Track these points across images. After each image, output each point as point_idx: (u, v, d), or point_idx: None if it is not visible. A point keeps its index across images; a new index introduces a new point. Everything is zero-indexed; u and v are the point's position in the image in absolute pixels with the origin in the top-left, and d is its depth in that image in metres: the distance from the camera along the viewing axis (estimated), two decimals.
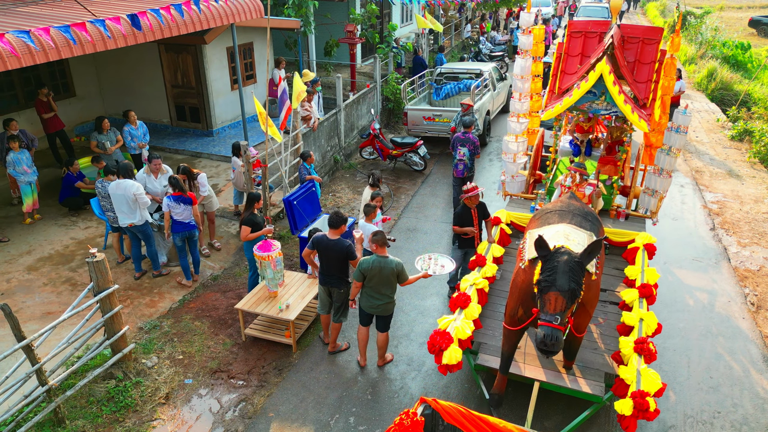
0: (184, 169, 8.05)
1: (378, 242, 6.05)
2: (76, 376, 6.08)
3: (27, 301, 7.36)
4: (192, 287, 7.95)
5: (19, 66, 7.00)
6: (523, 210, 8.15)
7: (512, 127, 8.48)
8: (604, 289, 6.71)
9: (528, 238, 5.53)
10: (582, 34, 7.97)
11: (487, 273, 6.67)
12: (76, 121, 12.63)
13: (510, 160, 8.48)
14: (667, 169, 7.59)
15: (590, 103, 7.05)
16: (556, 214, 5.72)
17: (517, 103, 8.45)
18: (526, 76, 8.36)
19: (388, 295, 6.19)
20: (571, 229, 5.34)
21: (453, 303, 5.99)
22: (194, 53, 11.97)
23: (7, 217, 9.27)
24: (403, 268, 6.11)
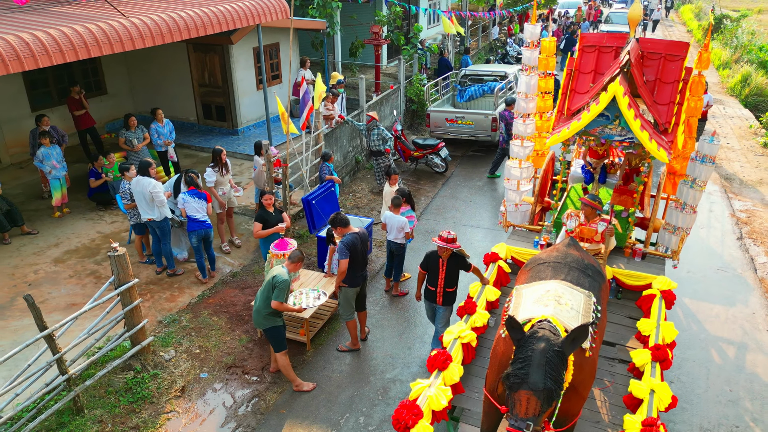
0: (188, 175, 8.12)
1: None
2: (96, 366, 6.26)
3: (53, 292, 7.60)
4: (211, 283, 8.09)
5: (49, 64, 7.24)
6: (526, 244, 7.24)
7: (515, 151, 7.57)
8: (612, 343, 5.82)
9: (514, 297, 4.67)
10: (596, 48, 7.12)
11: (477, 323, 5.76)
12: (107, 118, 12.97)
13: (512, 188, 7.61)
14: (691, 204, 6.65)
15: (602, 127, 6.18)
16: (549, 267, 4.86)
17: (521, 125, 7.45)
18: (531, 95, 7.45)
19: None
20: (565, 289, 4.50)
21: (431, 363, 5.10)
22: (221, 53, 12.18)
23: (38, 211, 9.59)
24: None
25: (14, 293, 7.50)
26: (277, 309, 5.83)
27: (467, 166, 13.00)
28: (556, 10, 28.86)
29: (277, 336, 6.07)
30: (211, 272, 8.19)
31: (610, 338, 5.84)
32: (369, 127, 11.02)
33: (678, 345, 5.73)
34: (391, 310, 7.85)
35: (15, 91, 11.13)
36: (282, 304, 5.81)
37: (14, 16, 8.18)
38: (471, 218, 10.55)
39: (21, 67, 6.96)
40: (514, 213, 7.73)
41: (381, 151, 11.04)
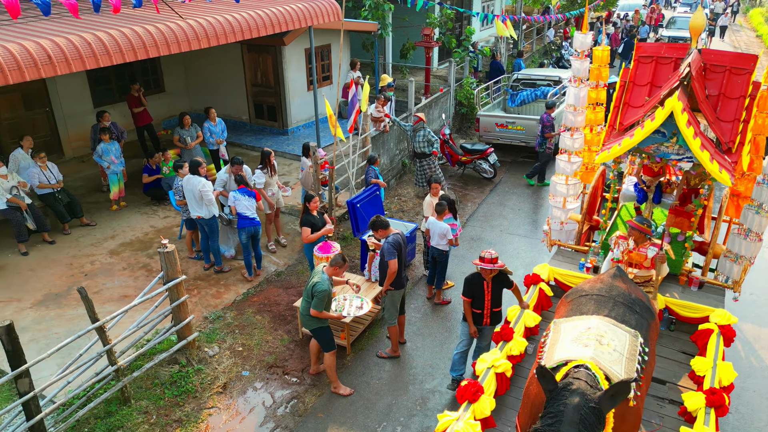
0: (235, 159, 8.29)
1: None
2: (144, 358, 6.45)
3: (107, 283, 7.90)
4: (256, 282, 8.22)
5: (110, 63, 7.53)
6: (571, 266, 6.80)
7: (561, 167, 7.16)
8: (663, 381, 5.38)
9: (552, 332, 4.33)
10: (653, 59, 6.67)
11: (513, 350, 5.46)
12: (164, 115, 13.39)
13: (558, 205, 7.23)
14: (756, 230, 6.08)
15: (658, 145, 5.71)
16: (592, 301, 4.45)
17: (568, 139, 7.06)
18: (581, 107, 7.02)
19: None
20: (608, 327, 4.09)
21: (460, 393, 4.82)
22: (274, 54, 12.37)
23: (96, 203, 10.00)
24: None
25: (71, 283, 7.83)
26: (316, 317, 5.87)
27: (517, 172, 12.73)
28: (615, 12, 27.91)
29: (324, 336, 6.13)
30: (257, 270, 8.31)
31: (660, 375, 5.39)
32: (415, 129, 10.94)
33: (737, 373, 5.38)
34: (433, 319, 7.76)
35: (79, 87, 11.64)
36: (321, 312, 5.84)
37: (83, 18, 8.52)
38: (518, 227, 10.31)
39: (83, 66, 7.27)
40: (559, 231, 7.35)
41: (425, 153, 10.91)
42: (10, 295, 7.53)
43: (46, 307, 7.33)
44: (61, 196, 8.89)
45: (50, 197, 8.77)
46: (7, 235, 8.53)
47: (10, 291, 7.62)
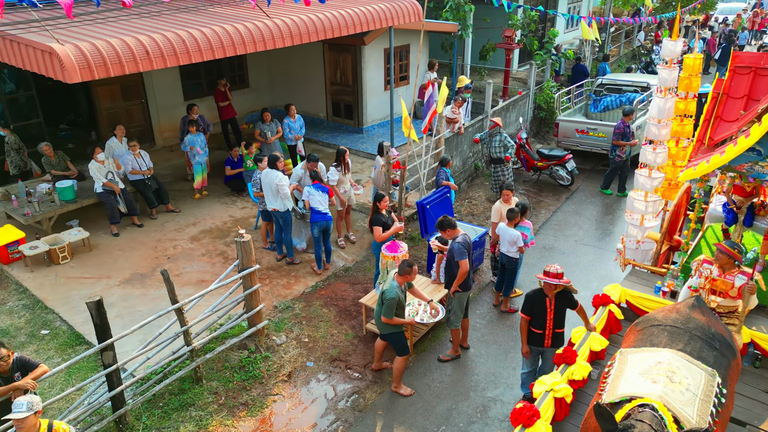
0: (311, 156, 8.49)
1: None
2: (216, 341, 6.76)
3: (187, 267, 8.35)
4: (324, 275, 8.40)
5: (201, 60, 7.93)
6: (646, 288, 6.31)
7: (641, 182, 6.74)
8: (742, 423, 4.88)
9: (617, 362, 3.99)
10: (751, 70, 6.10)
11: (575, 375, 5.10)
12: (247, 110, 13.96)
13: (634, 222, 6.82)
14: None
15: (752, 164, 5.23)
16: (665, 332, 4.06)
17: (650, 153, 6.61)
18: (665, 120, 6.58)
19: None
20: (682, 363, 3.70)
21: (514, 417, 4.52)
22: (354, 53, 12.58)
23: (181, 191, 10.59)
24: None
25: (155, 264, 8.35)
26: (387, 324, 5.93)
27: (596, 181, 12.23)
28: (714, 15, 26.14)
29: (397, 341, 6.16)
30: (326, 264, 8.50)
31: (740, 416, 4.91)
32: (491, 134, 10.77)
33: None
34: (498, 327, 7.62)
35: (172, 81, 12.37)
36: (391, 319, 5.88)
37: (178, 16, 9.05)
38: (594, 239, 9.91)
39: (176, 62, 7.70)
40: (634, 250, 6.89)
41: (501, 159, 10.73)
42: (100, 273, 8.14)
43: (132, 286, 7.85)
44: (151, 183, 9.49)
45: (141, 183, 9.38)
46: (102, 216, 9.22)
47: (101, 269, 8.23)
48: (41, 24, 7.09)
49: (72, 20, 7.70)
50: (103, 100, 11.47)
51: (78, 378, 6.26)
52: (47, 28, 7.00)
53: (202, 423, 5.87)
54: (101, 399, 5.54)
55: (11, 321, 7.16)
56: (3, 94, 10.03)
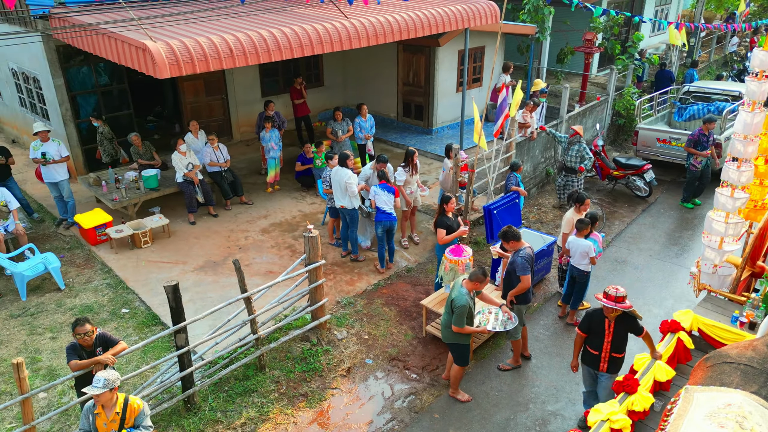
0: (380, 157, 8.54)
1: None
2: (280, 332, 6.97)
3: (256, 258, 8.66)
4: (387, 274, 8.47)
5: (280, 58, 8.19)
6: (722, 317, 5.80)
7: (722, 202, 6.21)
8: None
9: (681, 400, 3.66)
10: None
11: (636, 406, 4.75)
12: (321, 108, 14.28)
13: (712, 245, 6.27)
14: None
15: None
16: (738, 371, 3.69)
17: (733, 171, 6.08)
18: (752, 136, 6.04)
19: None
20: (755, 407, 3.34)
21: None
22: (428, 54, 12.58)
23: (255, 185, 10.99)
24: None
25: (227, 254, 8.71)
26: (458, 332, 5.81)
27: (676, 193, 11.60)
28: None
29: (460, 352, 6.06)
30: (388, 264, 8.56)
31: None
32: (570, 142, 10.44)
33: None
34: (563, 339, 7.39)
35: (251, 78, 12.86)
36: (462, 328, 5.75)
37: (263, 16, 9.39)
38: (672, 254, 9.40)
39: (257, 60, 8.00)
40: (710, 275, 6.38)
41: (574, 169, 10.38)
42: (177, 258, 8.59)
43: (205, 273, 8.24)
44: (227, 175, 9.91)
45: (218, 175, 9.82)
46: (181, 205, 9.73)
47: (177, 254, 8.69)
48: (137, 22, 7.56)
49: (165, 19, 8.17)
50: (187, 95, 12.10)
51: (152, 357, 6.64)
52: (142, 26, 7.46)
53: (263, 410, 6.08)
54: (172, 378, 5.86)
55: (96, 299, 7.70)
56: (98, 86, 10.79)
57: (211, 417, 5.92)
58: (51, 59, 9.90)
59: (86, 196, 10.06)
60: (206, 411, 5.98)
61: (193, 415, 5.92)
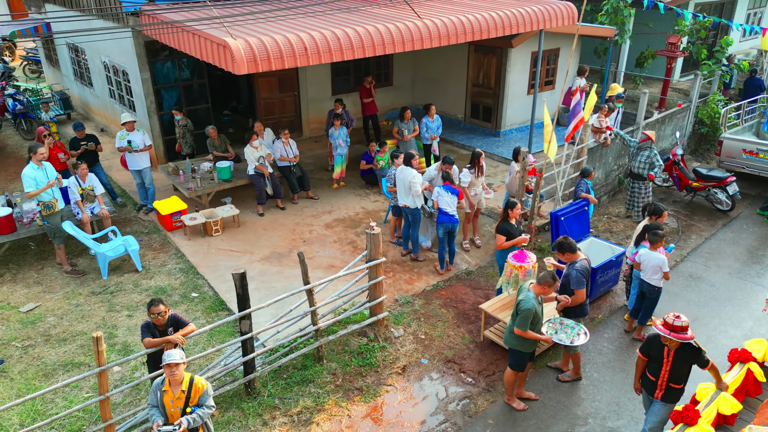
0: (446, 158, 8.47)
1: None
2: (339, 325, 7.10)
3: (319, 252, 8.85)
4: (446, 276, 8.43)
5: (351, 57, 8.33)
6: None
7: None
8: None
9: None
10: None
11: None
12: (389, 107, 14.39)
13: None
14: None
15: None
16: None
17: None
18: None
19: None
20: None
21: None
22: (500, 55, 12.39)
23: (321, 180, 11.24)
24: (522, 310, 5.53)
25: (292, 246, 8.97)
26: (520, 336, 5.67)
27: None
28: None
29: (518, 358, 5.91)
30: (448, 265, 8.52)
31: None
32: (641, 147, 9.98)
33: None
34: (628, 354, 7.09)
35: (323, 76, 13.14)
36: (525, 331, 5.59)
37: (338, 15, 9.58)
38: (753, 273, 8.80)
39: (330, 59, 8.17)
40: None
41: (642, 176, 9.86)
42: (245, 248, 8.93)
43: (270, 263, 8.52)
44: (296, 170, 10.19)
45: (287, 169, 10.12)
46: (251, 197, 10.10)
47: (246, 244, 9.03)
48: (219, 20, 7.91)
49: (245, 17, 8.51)
50: (262, 91, 12.53)
51: (218, 340, 6.95)
52: (224, 24, 7.80)
53: (319, 400, 6.22)
54: (235, 363, 6.10)
55: (169, 281, 8.13)
56: (180, 80, 11.37)
57: (269, 403, 6.12)
58: (139, 54, 10.53)
59: (165, 184, 10.64)
60: (265, 396, 6.19)
61: (252, 399, 6.14)
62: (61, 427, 5.79)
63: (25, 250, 8.88)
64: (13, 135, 14.03)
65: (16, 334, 7.04)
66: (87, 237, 8.22)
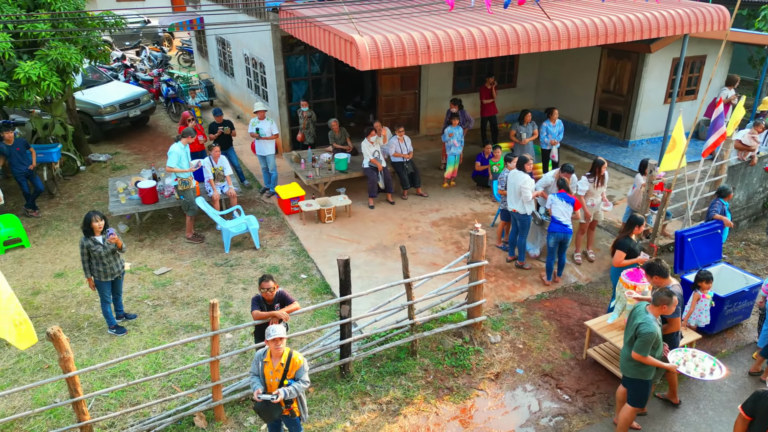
0: (566, 167, 8.08)
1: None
2: (435, 322, 7.13)
3: (423, 248, 8.93)
4: (552, 287, 8.11)
5: (474, 57, 8.27)
6: None
7: None
8: None
9: None
10: None
11: None
12: (509, 109, 14.08)
13: None
14: None
15: None
16: None
17: None
18: None
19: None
20: None
21: None
22: (635, 61, 11.62)
23: (432, 178, 11.31)
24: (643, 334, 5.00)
25: (397, 240, 9.14)
26: (639, 362, 5.22)
27: None
28: None
29: (638, 389, 5.41)
30: (556, 277, 8.19)
31: None
32: None
33: None
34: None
35: (445, 75, 13.18)
36: (645, 357, 5.12)
37: (463, 14, 9.56)
38: None
39: (452, 57, 8.18)
40: None
41: None
42: (353, 237, 9.26)
43: (375, 254, 8.75)
44: (408, 166, 10.35)
45: (399, 165, 10.31)
46: (363, 189, 10.44)
47: (354, 234, 9.35)
48: (348, 17, 8.25)
49: (371, 14, 8.79)
50: (384, 88, 12.86)
51: (319, 321, 7.29)
52: (352, 20, 8.12)
53: (408, 393, 6.30)
54: (333, 345, 6.37)
55: (281, 261, 8.67)
56: (310, 74, 12.01)
57: (361, 388, 6.32)
58: (276, 48, 11.29)
59: (287, 171, 11.33)
60: (357, 381, 6.40)
61: (345, 382, 6.38)
62: (177, 381, 6.43)
63: (163, 220, 9.93)
64: (164, 117, 15.71)
65: (149, 294, 7.92)
66: (215, 213, 9.01)
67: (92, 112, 13.19)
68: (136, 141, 13.82)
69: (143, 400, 6.13)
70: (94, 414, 5.90)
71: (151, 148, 13.32)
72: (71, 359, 5.02)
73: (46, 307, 7.63)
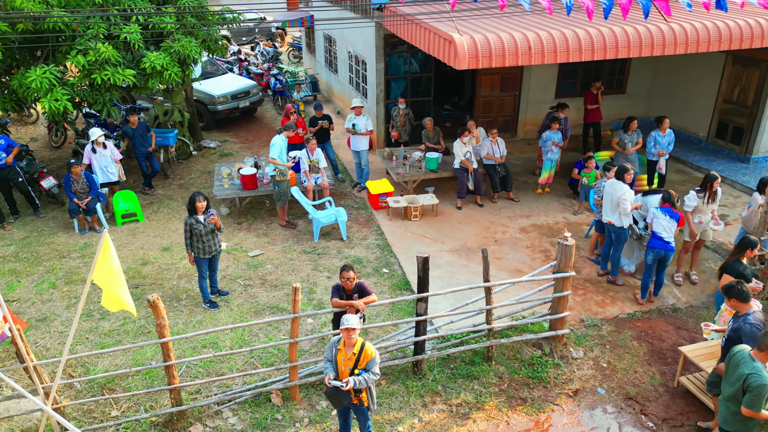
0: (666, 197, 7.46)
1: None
2: (514, 330, 6.94)
3: (509, 254, 8.72)
4: (646, 307, 7.59)
5: (579, 59, 7.92)
6: None
7: None
8: None
9: None
10: None
11: None
12: (616, 116, 13.33)
13: None
14: None
15: None
16: None
17: None
18: None
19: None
20: None
21: None
22: (764, 70, 10.55)
23: (525, 183, 10.99)
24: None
25: (483, 243, 8.99)
26: (745, 421, 4.74)
27: None
28: None
29: None
30: (651, 296, 7.66)
31: None
32: None
33: None
34: None
35: (548, 78, 12.74)
36: (760, 413, 4.58)
37: (565, 14, 9.19)
38: None
39: (554, 59, 7.90)
40: None
41: None
42: (437, 237, 9.23)
43: (458, 255, 8.68)
44: (500, 169, 10.14)
45: (491, 168, 10.12)
46: (452, 189, 10.37)
47: (439, 234, 9.33)
48: (448, 15, 8.22)
49: (472, 12, 8.69)
50: (483, 88, 12.67)
51: (396, 316, 7.36)
52: (453, 19, 8.09)
53: (480, 399, 6.19)
54: (407, 341, 6.41)
55: (365, 254, 8.85)
56: (409, 73, 12.11)
57: (432, 387, 6.31)
58: (378, 46, 11.51)
59: (379, 167, 11.52)
60: (429, 380, 6.39)
61: (417, 379, 6.40)
62: (259, 358, 6.78)
63: (260, 206, 10.50)
64: (270, 109, 16.57)
65: (241, 274, 8.41)
66: (308, 203, 9.37)
67: (207, 102, 14.22)
68: (244, 130, 14.70)
69: (227, 372, 6.53)
70: (183, 379, 6.38)
71: (256, 138, 14.10)
72: (166, 326, 5.47)
73: (152, 277, 8.35)
